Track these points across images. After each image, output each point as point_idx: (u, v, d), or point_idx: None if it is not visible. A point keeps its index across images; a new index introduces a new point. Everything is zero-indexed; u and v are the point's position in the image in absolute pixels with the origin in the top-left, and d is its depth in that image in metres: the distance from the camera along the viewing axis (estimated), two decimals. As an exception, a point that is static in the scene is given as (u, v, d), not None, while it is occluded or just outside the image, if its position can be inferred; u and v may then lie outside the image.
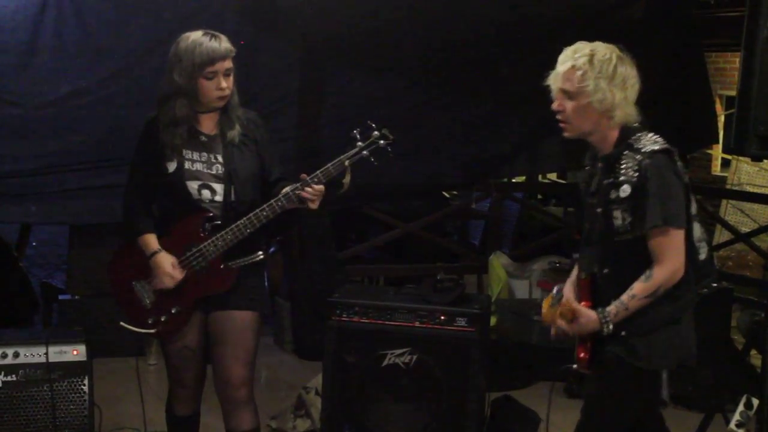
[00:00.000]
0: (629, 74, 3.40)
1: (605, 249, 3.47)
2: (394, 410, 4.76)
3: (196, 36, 3.77)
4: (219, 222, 3.83)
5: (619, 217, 3.37)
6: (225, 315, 3.94)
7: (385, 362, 4.72)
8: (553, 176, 11.53)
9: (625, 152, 3.38)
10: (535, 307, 7.11)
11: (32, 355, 4.40)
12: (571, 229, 8.96)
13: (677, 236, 3.33)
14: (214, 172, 3.86)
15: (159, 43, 6.02)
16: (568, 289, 3.64)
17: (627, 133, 3.41)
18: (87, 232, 6.60)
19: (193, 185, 3.84)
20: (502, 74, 7.26)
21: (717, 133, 8.38)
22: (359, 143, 3.83)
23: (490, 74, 7.23)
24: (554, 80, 3.47)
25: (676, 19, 7.26)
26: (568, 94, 3.42)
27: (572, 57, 3.41)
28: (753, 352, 5.24)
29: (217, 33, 3.81)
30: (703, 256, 3.46)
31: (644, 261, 3.36)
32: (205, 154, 3.87)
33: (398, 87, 7.04)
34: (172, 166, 3.83)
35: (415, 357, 4.69)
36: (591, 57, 3.37)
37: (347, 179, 3.80)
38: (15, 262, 6.64)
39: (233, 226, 3.78)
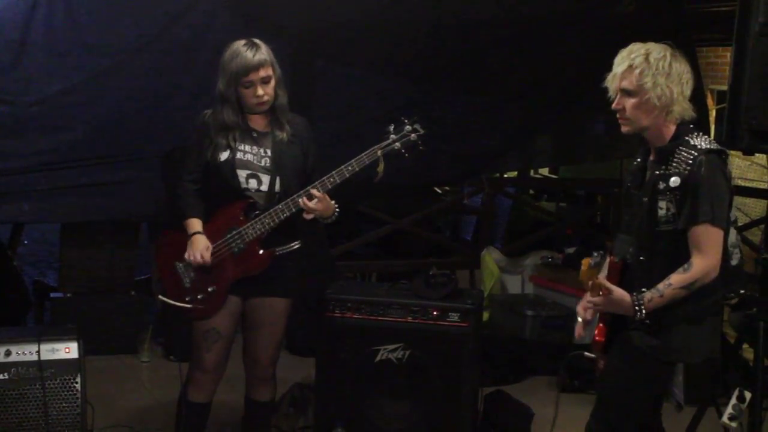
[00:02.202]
0: (683, 70, 3.51)
1: (644, 238, 3.54)
2: (387, 406, 4.76)
3: (237, 46, 4.04)
4: (260, 210, 4.09)
5: (663, 207, 3.47)
6: (264, 302, 4.23)
7: (378, 358, 4.72)
8: (545, 171, 11.53)
9: (680, 147, 3.48)
10: (528, 302, 7.13)
11: (24, 353, 4.37)
12: (563, 225, 8.99)
13: (719, 235, 3.42)
14: (263, 164, 4.14)
15: (150, 40, 6.02)
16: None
17: (684, 130, 3.51)
18: (79, 230, 6.58)
19: (242, 173, 4.11)
20: (494, 70, 7.26)
21: (708, 128, 8.39)
22: (392, 135, 4.12)
23: (482, 70, 7.23)
24: (612, 81, 3.55)
25: (668, 14, 7.26)
26: (627, 93, 3.51)
27: (629, 57, 3.50)
28: (745, 345, 5.25)
29: (257, 42, 4.06)
30: (734, 262, 3.57)
31: (680, 254, 3.44)
32: (255, 147, 4.15)
33: (389, 83, 7.03)
34: (224, 156, 4.11)
35: (408, 352, 4.69)
36: (647, 55, 3.47)
37: (381, 167, 4.07)
38: (8, 261, 6.63)
39: (271, 210, 4.05)
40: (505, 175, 9.50)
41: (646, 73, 3.44)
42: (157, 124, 6.13)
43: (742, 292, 3.75)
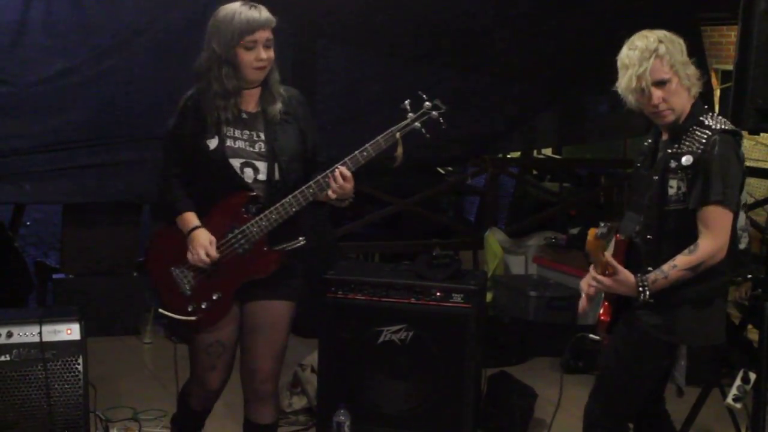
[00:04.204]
0: (683, 43, 3.47)
1: (653, 216, 3.50)
2: (390, 387, 4.75)
3: (235, 5, 3.60)
4: (262, 202, 3.65)
5: (674, 186, 3.42)
6: (263, 305, 3.77)
7: (381, 339, 4.71)
8: (548, 152, 11.50)
9: (694, 126, 3.44)
10: (532, 282, 7.11)
11: (26, 334, 4.34)
12: (567, 205, 8.96)
13: (728, 217, 3.38)
14: (256, 150, 3.67)
15: (151, 20, 6.01)
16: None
17: (698, 110, 3.47)
18: (81, 210, 6.58)
19: (235, 163, 3.65)
20: (498, 49, 7.23)
21: (712, 108, 8.36)
22: (410, 114, 3.68)
23: (486, 49, 7.20)
24: (640, 80, 3.39)
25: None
26: (662, 83, 3.41)
27: (648, 50, 3.39)
28: (750, 326, 5.23)
29: (256, 3, 3.63)
30: (742, 245, 3.54)
31: (689, 234, 3.40)
32: (246, 131, 3.69)
33: (392, 63, 7.02)
34: (213, 143, 3.64)
35: (411, 333, 4.68)
36: (661, 41, 3.40)
37: (399, 151, 3.66)
38: (10, 242, 6.62)
39: (278, 204, 3.61)
40: (509, 156, 9.49)
41: (674, 56, 3.40)
42: (158, 104, 6.10)
43: (749, 276, 3.72)
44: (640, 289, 3.40)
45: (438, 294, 4.69)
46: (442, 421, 4.69)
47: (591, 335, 3.72)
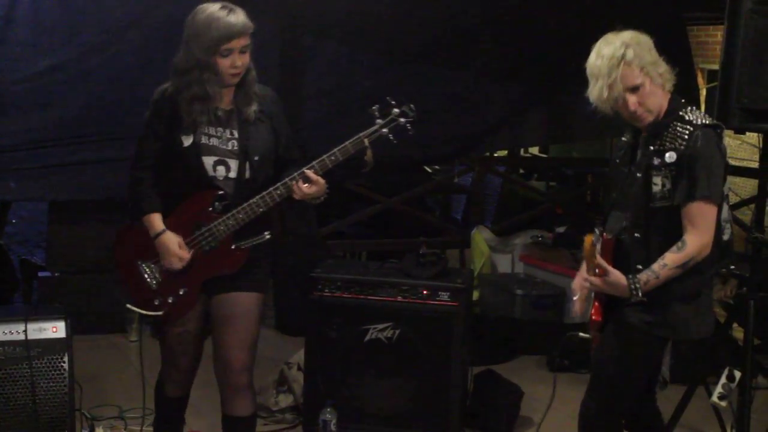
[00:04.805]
0: (651, 41, 3.48)
1: (639, 214, 3.51)
2: (376, 385, 4.75)
3: (213, 9, 3.58)
4: (229, 200, 3.68)
5: (659, 183, 3.44)
6: (230, 297, 3.80)
7: (368, 337, 4.71)
8: (534, 150, 11.52)
9: (674, 122, 3.45)
10: (518, 281, 7.12)
11: (11, 332, 4.32)
12: (553, 204, 8.98)
13: (713, 212, 3.41)
14: (229, 147, 3.70)
15: (137, 17, 5.99)
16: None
17: (677, 105, 3.49)
18: (66, 208, 6.55)
19: (208, 161, 3.68)
20: (487, 47, 7.23)
21: (698, 107, 8.37)
22: (378, 120, 3.71)
23: (475, 47, 7.20)
24: (612, 89, 3.41)
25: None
26: (636, 88, 3.43)
27: (616, 57, 3.40)
28: (735, 325, 5.25)
29: (234, 7, 3.61)
30: (726, 236, 3.56)
31: (676, 230, 3.41)
32: (220, 129, 3.71)
33: (379, 60, 7.00)
34: (187, 141, 3.66)
35: (397, 331, 4.68)
36: (628, 44, 3.41)
37: (369, 156, 3.70)
38: (-6, 240, 6.61)
39: (245, 204, 3.65)
40: (495, 154, 9.49)
41: (642, 58, 3.40)
42: (145, 101, 6.06)
43: (732, 267, 3.74)
44: (633, 290, 3.41)
45: (425, 292, 4.69)
46: (429, 419, 4.70)
47: (581, 333, 3.73)
